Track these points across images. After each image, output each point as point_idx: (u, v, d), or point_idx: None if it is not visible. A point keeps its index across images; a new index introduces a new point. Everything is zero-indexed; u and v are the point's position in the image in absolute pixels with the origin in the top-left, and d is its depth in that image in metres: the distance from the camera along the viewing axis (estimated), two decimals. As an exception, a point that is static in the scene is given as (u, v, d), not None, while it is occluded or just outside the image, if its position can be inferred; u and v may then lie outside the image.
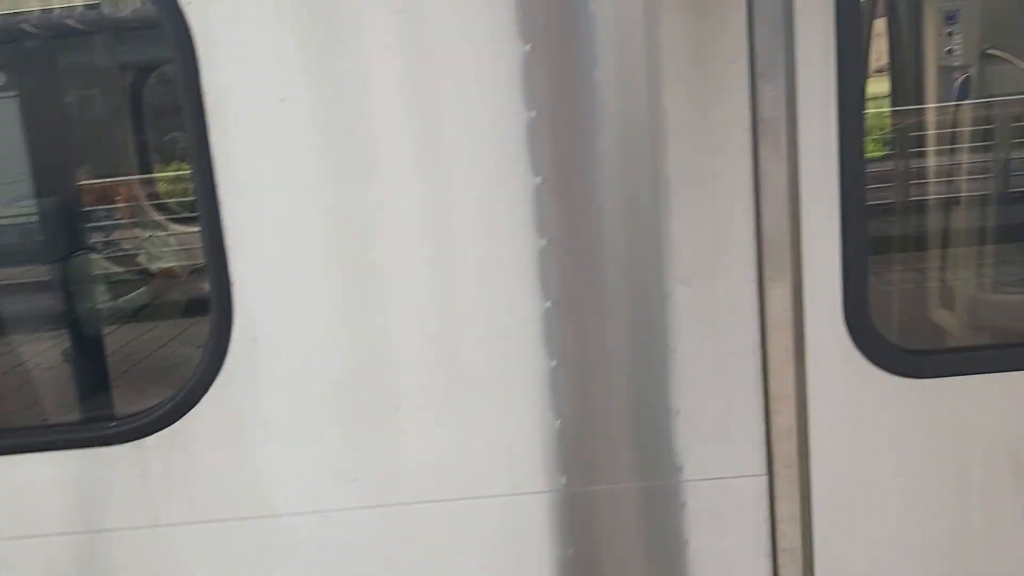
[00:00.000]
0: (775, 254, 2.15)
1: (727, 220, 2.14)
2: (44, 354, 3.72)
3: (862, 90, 2.14)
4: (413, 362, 2.20)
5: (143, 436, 2.22)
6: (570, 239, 2.16)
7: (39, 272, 3.73)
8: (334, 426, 2.21)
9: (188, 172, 2.17)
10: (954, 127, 4.20)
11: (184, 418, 2.20)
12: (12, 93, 2.87)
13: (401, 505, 2.25)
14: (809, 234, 2.16)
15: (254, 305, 2.16)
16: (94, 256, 4.28)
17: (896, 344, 2.23)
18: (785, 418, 2.21)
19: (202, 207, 2.12)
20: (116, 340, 3.80)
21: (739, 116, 2.10)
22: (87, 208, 4.35)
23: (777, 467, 2.23)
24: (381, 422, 2.21)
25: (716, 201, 2.14)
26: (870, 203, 2.21)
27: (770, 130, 2.10)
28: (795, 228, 2.14)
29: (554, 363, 2.20)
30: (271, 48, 2.07)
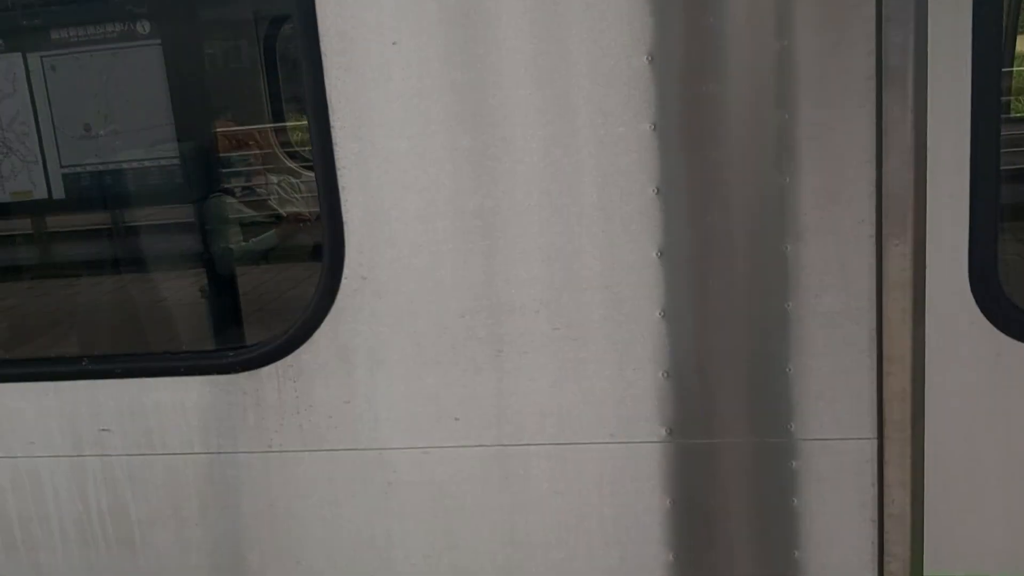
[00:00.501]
0: (896, 210, 2.06)
1: (846, 172, 2.06)
2: (184, 289, 3.91)
3: (999, 38, 2.00)
4: (516, 308, 2.21)
5: (259, 366, 2.32)
6: (681, 187, 2.12)
7: (179, 213, 3.92)
8: (437, 366, 2.26)
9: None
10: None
11: (296, 351, 2.29)
12: (156, 42, 2.99)
13: (500, 446, 2.29)
14: (935, 190, 2.05)
15: (364, 245, 2.22)
16: (229, 199, 4.48)
17: (1024, 309, 2.11)
18: (899, 381, 2.12)
19: (316, 149, 2.18)
20: (246, 279, 3.97)
21: (863, 63, 2.01)
22: (223, 154, 4.55)
23: (888, 431, 2.15)
24: (483, 365, 2.24)
25: (835, 152, 2.06)
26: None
27: (897, 78, 2.00)
28: (919, 183, 2.04)
29: (660, 314, 2.18)
30: None
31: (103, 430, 2.41)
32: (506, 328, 2.23)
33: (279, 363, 2.31)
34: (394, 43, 2.12)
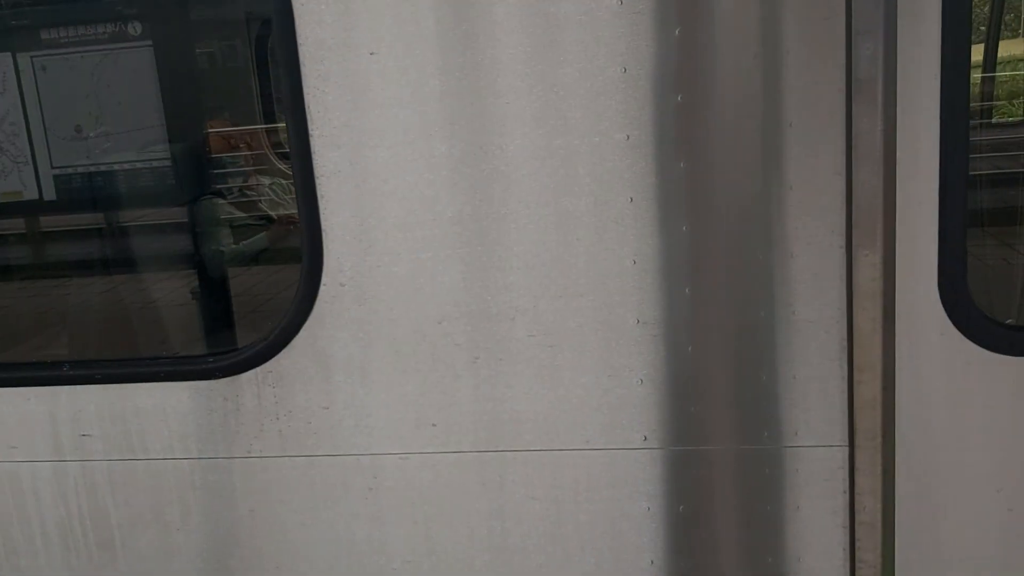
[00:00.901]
0: (866, 220, 2.08)
1: (817, 183, 2.08)
2: (173, 292, 3.93)
3: (968, 48, 2.02)
4: (493, 315, 2.24)
5: (238, 372, 2.35)
6: (656, 196, 2.14)
7: (169, 214, 3.94)
8: (416, 372, 2.29)
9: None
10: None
11: (275, 357, 2.32)
12: (147, 43, 3.00)
13: (477, 452, 2.31)
14: (904, 200, 2.07)
15: (342, 253, 2.24)
16: (220, 201, 4.49)
17: (994, 319, 2.13)
18: (869, 389, 2.15)
19: (295, 157, 2.21)
20: (237, 281, 3.98)
21: (833, 75, 2.03)
22: (215, 155, 4.56)
23: (859, 439, 2.18)
24: (460, 371, 2.27)
25: (806, 163, 2.08)
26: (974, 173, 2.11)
27: (866, 90, 2.02)
28: (889, 194, 2.06)
29: (636, 322, 2.20)
30: (362, 2, 2.12)
31: (84, 435, 2.44)
32: (483, 335, 2.25)
33: (258, 369, 2.33)
34: (372, 53, 2.14)
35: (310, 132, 2.18)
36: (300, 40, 2.14)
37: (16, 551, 2.54)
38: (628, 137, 2.10)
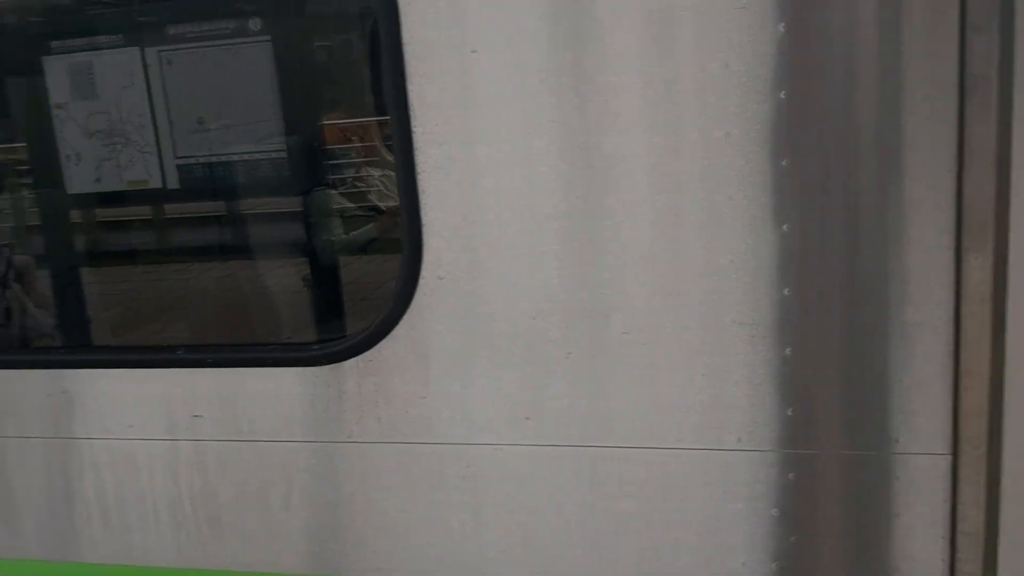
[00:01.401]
0: (976, 222, 2.01)
1: (926, 182, 2.02)
2: (286, 279, 4.07)
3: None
4: (586, 311, 2.25)
5: (342, 360, 2.43)
6: (759, 195, 2.11)
7: (284, 204, 4.07)
8: (510, 366, 2.32)
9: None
10: None
11: (376, 347, 2.38)
12: (266, 38, 3.11)
13: (569, 447, 2.33)
14: (1018, 202, 1.99)
15: (442, 246, 2.29)
16: (332, 192, 4.62)
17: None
18: (976, 396, 2.08)
19: (398, 152, 2.26)
20: (346, 271, 4.09)
21: (947, 71, 1.96)
22: (327, 147, 4.68)
23: (963, 447, 2.11)
24: (554, 366, 2.29)
25: (917, 161, 2.02)
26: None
27: (979, 87, 1.95)
28: (1001, 195, 1.98)
29: (733, 322, 2.18)
30: (466, 1, 2.16)
31: (196, 416, 2.56)
32: (578, 331, 2.27)
33: (360, 357, 2.40)
34: (474, 51, 2.18)
35: (413, 128, 2.23)
36: (405, 38, 2.20)
37: (130, 528, 2.69)
38: (727, 134, 2.08)
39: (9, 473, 2.77)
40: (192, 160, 3.15)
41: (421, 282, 2.32)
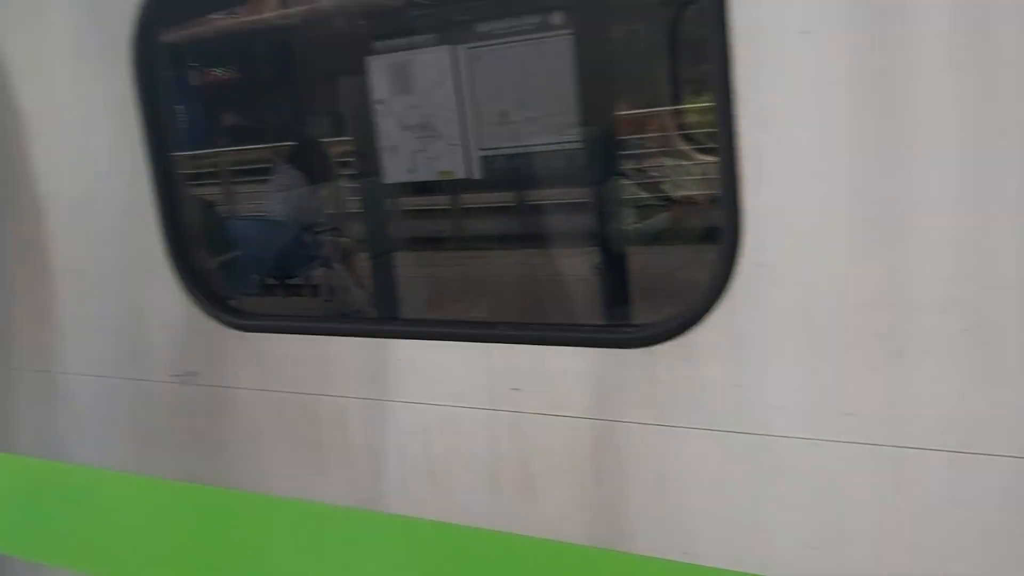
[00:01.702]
0: None
1: None
2: (585, 265, 4.17)
3: None
4: (923, 306, 2.11)
5: (654, 343, 2.44)
6: None
7: (580, 194, 4.17)
8: (833, 360, 2.22)
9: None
10: None
11: (689, 332, 2.37)
12: (568, 31, 3.19)
13: (896, 447, 2.20)
14: None
15: (763, 234, 2.23)
16: (624, 182, 4.67)
17: None
18: None
19: (721, 137, 2.23)
20: (636, 259, 4.13)
21: None
22: (622, 137, 4.74)
23: None
24: (881, 362, 2.17)
25: None
26: None
27: None
28: None
29: None
30: None
31: (514, 389, 2.67)
32: (910, 326, 2.13)
33: (672, 342, 2.40)
34: (803, 32, 2.11)
35: (737, 112, 2.20)
36: (732, 22, 2.16)
37: (453, 486, 2.85)
38: None
39: (344, 428, 3.02)
40: (493, 152, 3.29)
41: (740, 269, 2.27)
